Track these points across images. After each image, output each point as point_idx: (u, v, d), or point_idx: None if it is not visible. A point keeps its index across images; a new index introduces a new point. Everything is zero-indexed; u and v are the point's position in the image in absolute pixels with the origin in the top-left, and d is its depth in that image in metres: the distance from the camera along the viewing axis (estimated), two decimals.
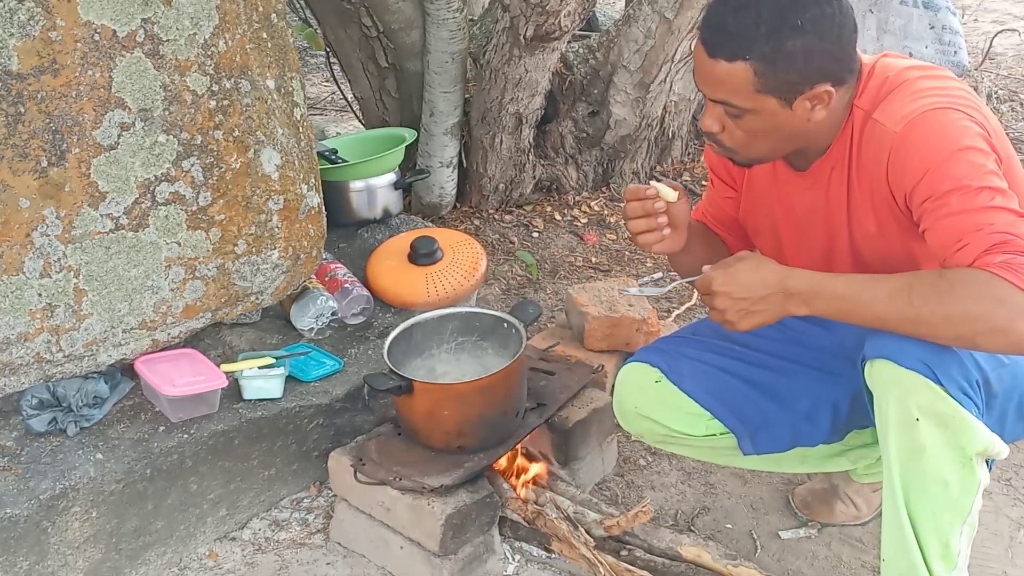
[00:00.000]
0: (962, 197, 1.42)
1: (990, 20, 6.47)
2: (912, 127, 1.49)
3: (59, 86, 1.75)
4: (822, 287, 1.50)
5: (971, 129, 1.47)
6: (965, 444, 1.47)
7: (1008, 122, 4.58)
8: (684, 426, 1.85)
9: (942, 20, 4.19)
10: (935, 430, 1.47)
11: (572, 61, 3.64)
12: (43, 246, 1.79)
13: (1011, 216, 1.40)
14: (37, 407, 1.91)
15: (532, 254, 3.32)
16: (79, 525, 1.82)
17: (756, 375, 1.83)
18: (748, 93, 1.51)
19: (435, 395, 1.92)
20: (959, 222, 1.41)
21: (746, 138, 1.59)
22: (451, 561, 1.86)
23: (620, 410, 1.94)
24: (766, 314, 1.53)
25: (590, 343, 2.51)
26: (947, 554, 1.53)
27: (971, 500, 1.52)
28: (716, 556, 1.80)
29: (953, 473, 1.49)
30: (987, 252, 1.37)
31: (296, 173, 2.10)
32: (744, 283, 1.52)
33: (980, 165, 1.43)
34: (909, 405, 1.48)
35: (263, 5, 2.03)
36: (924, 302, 1.41)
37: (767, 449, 1.84)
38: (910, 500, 1.52)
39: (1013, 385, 1.54)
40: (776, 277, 1.52)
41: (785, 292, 1.51)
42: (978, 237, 1.39)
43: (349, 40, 3.39)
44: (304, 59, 5.38)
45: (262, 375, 2.06)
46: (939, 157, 1.45)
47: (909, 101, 1.52)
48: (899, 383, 1.49)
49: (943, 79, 1.58)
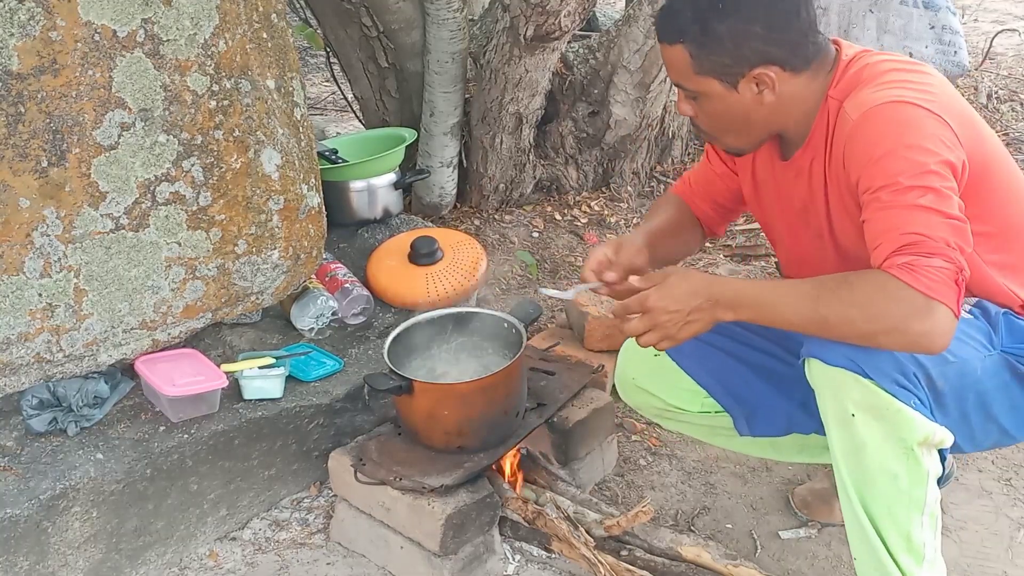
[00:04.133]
0: (892, 194, 1.43)
1: (990, 20, 6.47)
2: (866, 117, 1.50)
3: (59, 86, 1.75)
4: (743, 294, 1.53)
5: (925, 125, 1.47)
6: (905, 435, 1.49)
7: (1008, 122, 4.58)
8: (680, 401, 1.90)
9: (942, 20, 4.18)
10: (872, 424, 1.49)
11: (572, 61, 3.64)
12: (43, 246, 1.79)
13: (931, 216, 1.40)
14: (37, 407, 1.91)
15: (532, 254, 3.32)
16: (79, 525, 1.82)
17: (756, 359, 1.85)
18: (690, 75, 1.59)
19: (435, 395, 1.92)
20: (882, 219, 1.43)
21: (711, 121, 1.65)
22: (451, 561, 1.86)
23: (619, 380, 1.98)
24: (700, 323, 1.55)
25: (590, 343, 2.51)
26: (911, 547, 1.53)
27: (923, 490, 1.52)
28: (716, 556, 1.80)
29: (899, 465, 1.50)
30: (895, 252, 1.39)
31: (296, 173, 2.10)
32: (677, 295, 1.55)
33: (920, 163, 1.43)
34: (844, 401, 1.50)
35: (263, 5, 2.03)
36: (828, 306, 1.44)
37: (762, 432, 1.87)
38: (863, 496, 1.53)
39: (962, 383, 1.55)
40: (703, 285, 1.55)
41: (712, 300, 1.54)
42: (891, 237, 1.41)
43: (349, 40, 3.39)
44: (304, 59, 5.38)
45: (262, 375, 2.07)
46: (881, 150, 1.46)
47: (874, 91, 1.53)
48: (830, 381, 1.51)
49: (918, 73, 1.58)
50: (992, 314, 1.61)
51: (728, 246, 3.45)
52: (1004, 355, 1.58)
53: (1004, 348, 1.59)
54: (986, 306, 1.62)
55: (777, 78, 1.56)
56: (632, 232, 1.90)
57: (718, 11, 1.53)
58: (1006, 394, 1.59)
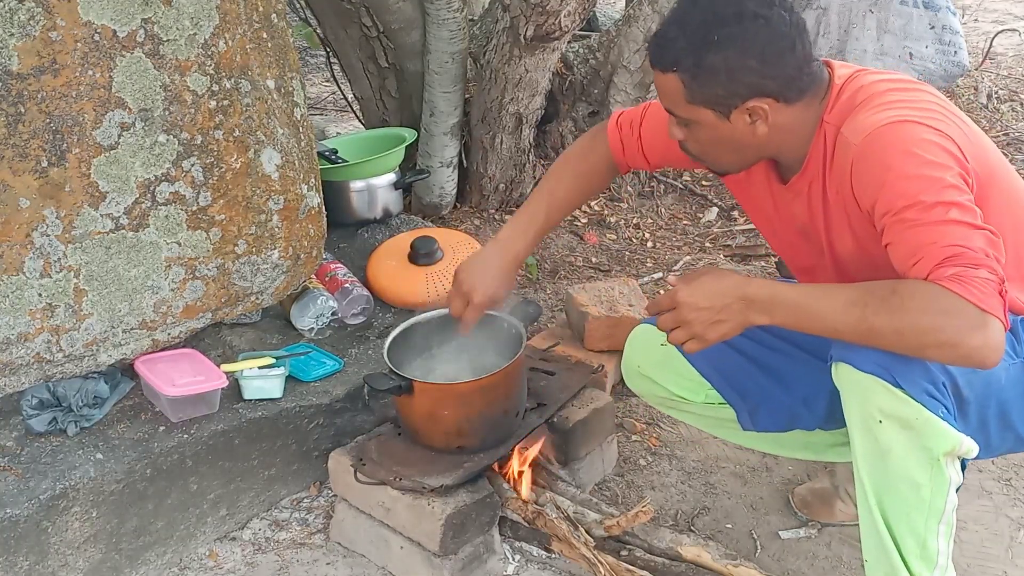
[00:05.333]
0: (918, 212, 1.41)
1: (990, 20, 6.47)
2: (871, 140, 1.49)
3: (59, 86, 1.75)
4: (781, 296, 1.50)
5: (932, 142, 1.46)
6: (932, 445, 1.48)
7: (1008, 122, 4.58)
8: (684, 391, 1.91)
9: (942, 20, 4.18)
10: (899, 432, 1.48)
11: (572, 61, 3.64)
12: (43, 246, 1.79)
13: (965, 229, 1.39)
14: (37, 407, 1.91)
15: (532, 254, 3.32)
16: (79, 525, 1.82)
17: (761, 354, 1.85)
18: (683, 104, 1.57)
19: (435, 395, 1.92)
20: (914, 237, 1.41)
21: (702, 147, 1.64)
22: (451, 561, 1.86)
23: (625, 368, 1.99)
24: (730, 324, 1.52)
25: (590, 343, 2.51)
26: (925, 554, 1.53)
27: (943, 500, 1.51)
28: (716, 556, 1.80)
29: (923, 474, 1.49)
30: (939, 266, 1.37)
31: (296, 173, 2.10)
32: (708, 292, 1.52)
33: (937, 179, 1.42)
34: (870, 408, 1.49)
35: (263, 5, 2.03)
36: (876, 315, 1.41)
37: (765, 427, 1.87)
38: (882, 501, 1.53)
39: (987, 392, 1.54)
40: (736, 285, 1.52)
41: (746, 300, 1.51)
42: (931, 251, 1.39)
43: (349, 40, 3.39)
44: (304, 59, 5.38)
45: (262, 375, 2.07)
46: (896, 172, 1.45)
47: (872, 113, 1.51)
48: (858, 386, 1.50)
49: (913, 91, 1.57)
50: (1011, 322, 1.60)
51: (728, 246, 3.45)
52: None
53: None
54: None
55: (771, 109, 1.55)
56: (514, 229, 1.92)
57: (713, 43, 1.50)
58: None
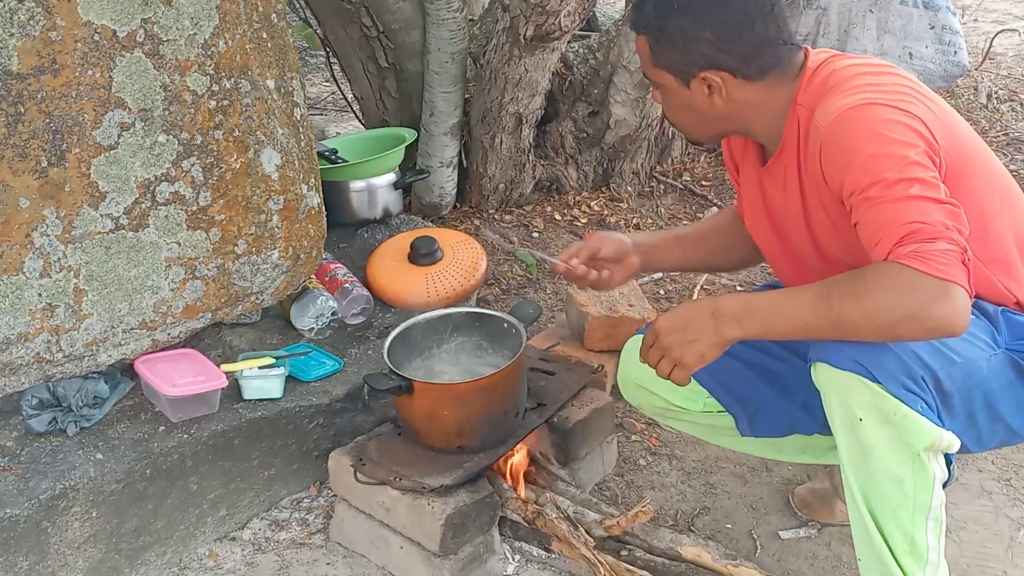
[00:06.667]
0: (880, 190, 1.43)
1: (990, 20, 6.47)
2: (838, 123, 1.51)
3: (59, 86, 1.75)
4: (750, 304, 1.52)
5: (897, 121, 1.48)
6: (912, 440, 1.48)
7: (1008, 122, 4.58)
8: (682, 400, 1.90)
9: (942, 20, 4.18)
10: (879, 429, 1.48)
11: (572, 61, 3.64)
12: (43, 246, 1.79)
13: (925, 204, 1.41)
14: (37, 407, 1.91)
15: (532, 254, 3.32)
16: (79, 525, 1.82)
17: (758, 359, 1.85)
18: (649, 66, 1.66)
19: (435, 395, 1.92)
20: (877, 215, 1.43)
21: (672, 113, 1.73)
22: (451, 561, 1.86)
23: (621, 380, 1.98)
24: (704, 342, 1.53)
25: (590, 343, 2.51)
26: (915, 550, 1.53)
27: (929, 495, 1.52)
28: (716, 556, 1.80)
29: (904, 470, 1.50)
30: (898, 244, 1.39)
31: (296, 173, 2.10)
32: (678, 315, 1.57)
33: (900, 156, 1.44)
34: (851, 405, 1.50)
35: (263, 5, 2.03)
36: (842, 301, 1.43)
37: (764, 432, 1.88)
38: (868, 499, 1.53)
39: (969, 384, 1.54)
40: (707, 303, 1.56)
41: (716, 315, 1.53)
42: (889, 230, 1.41)
43: (349, 40, 3.39)
44: (304, 59, 5.38)
45: (262, 375, 2.06)
46: (860, 152, 1.47)
47: (840, 96, 1.53)
48: (838, 384, 1.51)
49: (883, 74, 1.59)
50: (991, 312, 1.61)
51: None
52: (1008, 353, 1.58)
53: (1008, 346, 1.59)
54: (983, 305, 1.62)
55: (726, 84, 1.59)
56: (647, 231, 1.92)
57: (673, 10, 1.59)
58: (1012, 392, 1.59)
